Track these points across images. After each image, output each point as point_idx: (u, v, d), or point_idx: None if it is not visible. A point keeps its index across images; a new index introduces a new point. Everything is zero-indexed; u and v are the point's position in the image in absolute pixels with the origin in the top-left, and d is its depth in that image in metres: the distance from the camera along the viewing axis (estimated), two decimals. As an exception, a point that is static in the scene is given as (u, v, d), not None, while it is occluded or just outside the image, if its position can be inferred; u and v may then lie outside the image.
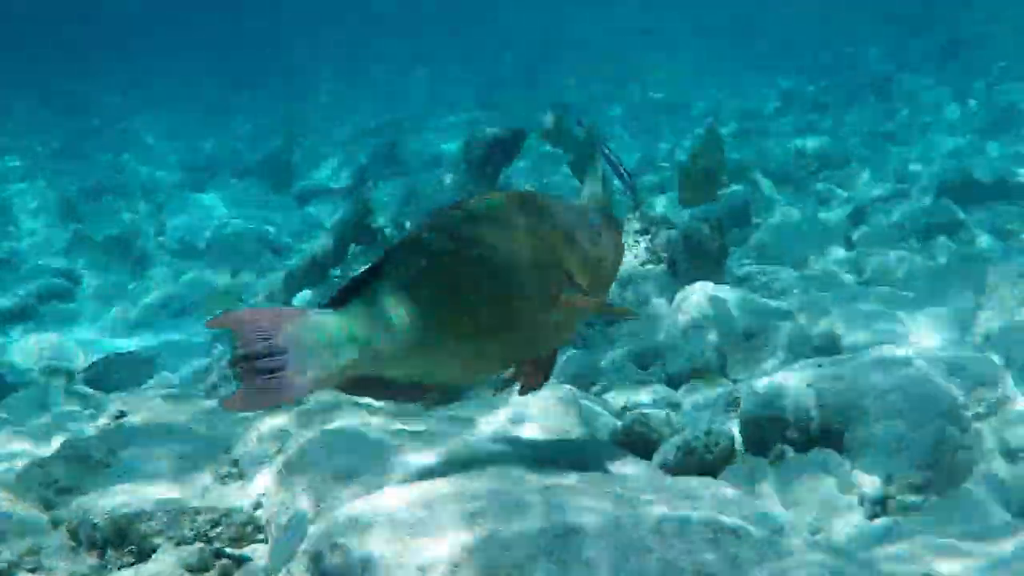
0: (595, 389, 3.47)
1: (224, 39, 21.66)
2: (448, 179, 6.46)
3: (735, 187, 6.08)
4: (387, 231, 5.97)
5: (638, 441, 2.87)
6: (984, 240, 5.29)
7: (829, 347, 3.42)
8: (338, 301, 1.62)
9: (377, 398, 1.73)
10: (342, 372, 1.58)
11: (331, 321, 1.57)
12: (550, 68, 16.07)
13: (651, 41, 17.09)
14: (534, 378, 1.79)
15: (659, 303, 4.02)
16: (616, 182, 4.83)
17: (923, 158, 7.64)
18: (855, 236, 5.43)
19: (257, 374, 1.49)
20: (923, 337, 3.40)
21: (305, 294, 5.80)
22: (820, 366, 2.81)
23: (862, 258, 4.96)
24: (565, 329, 1.78)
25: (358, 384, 1.64)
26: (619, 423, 2.94)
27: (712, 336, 3.47)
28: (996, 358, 2.83)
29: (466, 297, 1.63)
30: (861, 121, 9.66)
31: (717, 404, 3.16)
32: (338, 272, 5.84)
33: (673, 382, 3.44)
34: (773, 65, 13.99)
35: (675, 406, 3.31)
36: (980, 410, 2.70)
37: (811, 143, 7.83)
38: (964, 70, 11.35)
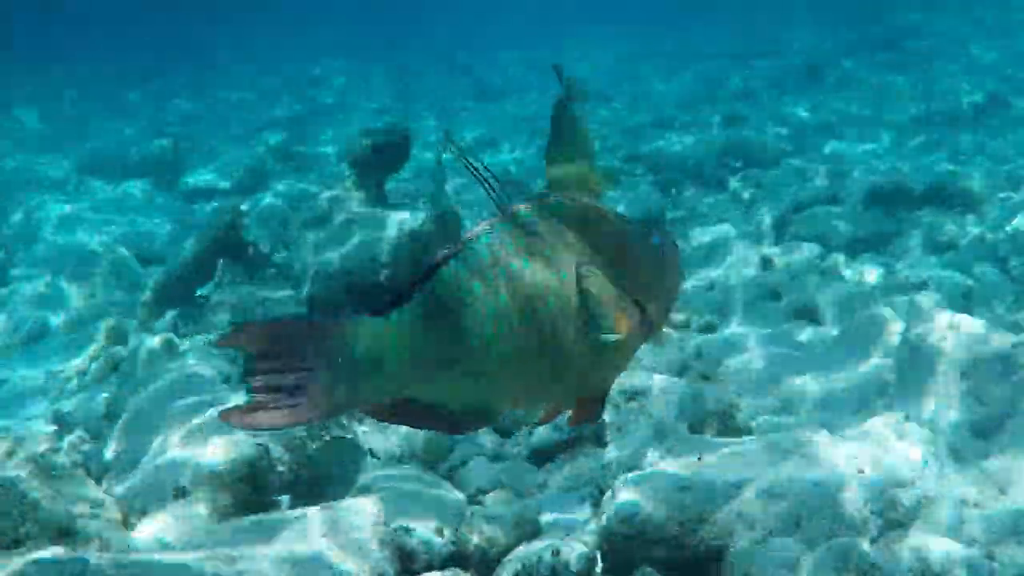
0: (449, 462, 2.90)
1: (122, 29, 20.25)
2: (338, 183, 5.84)
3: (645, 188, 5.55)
4: (260, 245, 5.32)
5: (475, 557, 2.31)
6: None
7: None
8: (384, 307, 1.32)
9: (415, 426, 1.39)
10: (377, 392, 1.32)
11: (370, 331, 1.29)
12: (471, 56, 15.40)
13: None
14: (588, 412, 1.49)
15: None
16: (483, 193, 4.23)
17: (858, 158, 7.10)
18: (776, 251, 4.85)
19: (272, 391, 1.26)
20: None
21: (168, 316, 5.13)
22: (700, 458, 2.26)
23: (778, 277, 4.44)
24: (620, 360, 1.48)
25: (395, 409, 1.36)
26: (459, 527, 2.37)
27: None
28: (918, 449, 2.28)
29: (545, 308, 1.34)
30: (793, 113, 9.13)
31: (583, 491, 2.60)
32: (205, 291, 5.18)
33: (536, 457, 2.87)
34: (705, 52, 13.38)
35: (542, 487, 2.75)
36: (895, 516, 2.17)
37: (735, 137, 7.27)
38: (900, 62, 10.83)
